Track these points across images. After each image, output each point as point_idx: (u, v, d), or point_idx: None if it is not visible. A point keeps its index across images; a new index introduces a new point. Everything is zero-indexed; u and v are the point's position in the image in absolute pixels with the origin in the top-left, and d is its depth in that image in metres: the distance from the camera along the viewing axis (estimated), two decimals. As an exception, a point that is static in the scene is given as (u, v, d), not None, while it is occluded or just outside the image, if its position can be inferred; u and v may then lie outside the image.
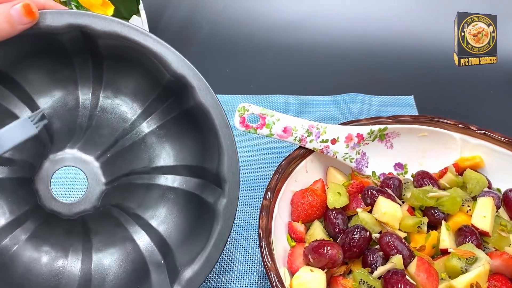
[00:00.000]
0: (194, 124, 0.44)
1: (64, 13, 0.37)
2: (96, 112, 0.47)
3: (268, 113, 0.49)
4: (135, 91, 0.47)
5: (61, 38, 0.39)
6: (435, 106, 0.72)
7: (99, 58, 0.43)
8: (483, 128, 0.52)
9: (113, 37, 0.38)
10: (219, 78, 0.80)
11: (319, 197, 0.48)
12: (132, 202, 0.47)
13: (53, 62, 0.44)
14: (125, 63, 0.44)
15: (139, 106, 0.48)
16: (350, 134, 0.52)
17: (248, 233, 0.54)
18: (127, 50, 0.40)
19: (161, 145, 0.48)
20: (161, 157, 0.48)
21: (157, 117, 0.48)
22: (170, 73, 0.40)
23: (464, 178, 0.50)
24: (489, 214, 0.45)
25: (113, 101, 0.48)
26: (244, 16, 0.93)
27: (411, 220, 0.45)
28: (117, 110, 0.48)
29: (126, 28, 0.38)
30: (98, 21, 0.38)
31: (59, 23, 0.37)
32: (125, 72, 0.45)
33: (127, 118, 0.48)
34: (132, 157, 0.47)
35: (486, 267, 0.41)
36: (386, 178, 0.50)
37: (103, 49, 0.42)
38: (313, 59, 0.84)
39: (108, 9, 0.71)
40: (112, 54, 0.42)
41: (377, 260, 0.43)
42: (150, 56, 0.40)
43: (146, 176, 0.48)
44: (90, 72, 0.45)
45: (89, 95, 0.47)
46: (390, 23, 0.88)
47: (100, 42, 0.40)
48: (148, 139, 0.48)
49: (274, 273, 0.40)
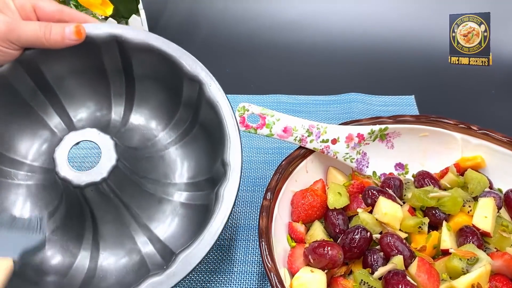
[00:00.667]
0: (207, 135, 0.48)
1: (104, 25, 0.46)
2: (123, 130, 0.53)
3: (268, 113, 0.49)
4: (160, 112, 0.53)
5: (102, 55, 0.48)
6: (436, 106, 0.72)
7: (131, 77, 0.50)
8: (484, 128, 0.52)
9: (142, 46, 0.46)
10: (219, 78, 0.79)
11: (319, 197, 0.48)
12: (142, 211, 0.49)
13: (92, 80, 0.51)
14: (152, 81, 0.50)
15: (162, 128, 0.53)
16: (350, 134, 0.52)
17: (248, 233, 0.54)
18: (154, 62, 0.48)
19: (178, 163, 0.52)
20: (176, 174, 0.52)
21: (178, 138, 0.53)
22: (187, 76, 0.46)
23: (465, 178, 0.50)
24: (490, 215, 0.45)
25: (139, 121, 0.53)
26: (244, 15, 0.93)
27: (412, 220, 0.45)
28: (142, 129, 0.54)
29: (151, 36, 0.47)
30: (130, 31, 0.46)
31: (100, 32, 0.46)
32: (152, 91, 0.52)
33: (150, 137, 0.53)
34: (149, 166, 0.50)
35: (487, 267, 0.41)
36: (386, 178, 0.50)
37: (135, 66, 0.49)
38: (313, 58, 0.84)
39: (107, 8, 0.71)
40: (142, 73, 0.50)
41: (377, 261, 0.43)
42: (170, 61, 0.46)
43: (159, 189, 0.50)
44: (123, 91, 0.52)
45: (120, 114, 0.53)
46: (391, 22, 0.88)
47: (131, 53, 0.48)
48: (166, 156, 0.52)
49: (274, 274, 0.40)
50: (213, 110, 0.45)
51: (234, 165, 0.43)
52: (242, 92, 0.74)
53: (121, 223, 0.48)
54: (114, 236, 0.48)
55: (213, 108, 0.45)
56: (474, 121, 0.53)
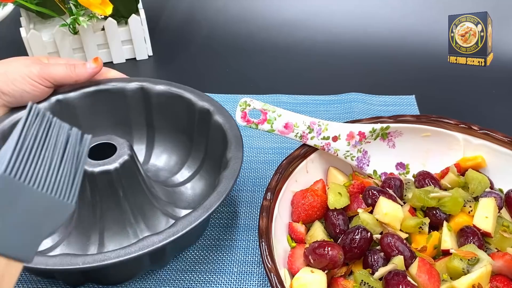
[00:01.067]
0: (216, 168, 0.52)
1: (133, 79, 0.57)
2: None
3: (270, 108, 0.49)
4: (177, 154, 0.59)
5: (129, 97, 0.57)
6: (436, 105, 0.72)
7: (151, 118, 0.58)
8: (485, 128, 0.52)
9: (162, 92, 0.56)
10: (219, 77, 0.80)
11: (319, 197, 0.48)
12: (144, 218, 0.50)
13: (116, 117, 0.58)
14: (170, 127, 0.58)
15: (177, 170, 0.58)
16: (351, 132, 0.52)
17: (248, 233, 0.54)
18: (171, 103, 0.56)
19: (188, 194, 0.56)
20: (183, 201, 0.55)
21: (190, 177, 0.57)
22: (198, 110, 0.54)
23: (466, 179, 0.50)
24: (491, 215, 0.45)
25: (156, 163, 0.60)
26: (244, 14, 0.93)
27: (413, 220, 0.45)
28: (159, 169, 0.59)
29: (168, 85, 0.56)
30: (152, 83, 0.57)
31: (130, 83, 0.57)
32: (171, 132, 0.59)
33: (166, 176, 0.58)
34: (159, 189, 0.53)
35: (488, 268, 0.41)
36: (387, 179, 0.50)
37: (154, 105, 0.57)
38: (313, 58, 0.84)
39: (107, 8, 0.71)
40: (161, 115, 0.58)
41: (378, 261, 0.43)
42: (185, 101, 0.55)
43: (169, 212, 0.52)
44: (145, 132, 0.59)
45: (142, 156, 0.60)
46: (392, 21, 0.88)
47: (153, 100, 0.57)
48: (176, 189, 0.56)
49: (274, 274, 0.40)
50: (221, 137, 0.51)
51: (235, 143, 0.49)
52: (242, 92, 0.74)
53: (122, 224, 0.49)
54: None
55: (221, 133, 0.51)
56: (475, 121, 0.53)
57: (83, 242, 0.49)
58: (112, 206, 0.47)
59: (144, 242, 0.39)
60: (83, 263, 0.38)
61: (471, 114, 0.70)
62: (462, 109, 0.72)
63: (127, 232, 0.49)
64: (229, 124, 0.51)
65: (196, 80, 0.78)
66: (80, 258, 0.38)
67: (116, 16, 0.79)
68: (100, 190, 0.46)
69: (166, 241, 0.39)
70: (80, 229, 0.49)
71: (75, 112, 0.56)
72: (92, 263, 0.38)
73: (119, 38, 0.80)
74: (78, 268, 0.38)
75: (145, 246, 0.39)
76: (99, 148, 0.47)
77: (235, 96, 0.73)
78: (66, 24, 0.75)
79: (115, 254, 0.38)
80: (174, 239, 0.40)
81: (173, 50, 0.86)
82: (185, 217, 0.41)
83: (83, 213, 0.48)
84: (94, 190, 0.46)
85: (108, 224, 0.48)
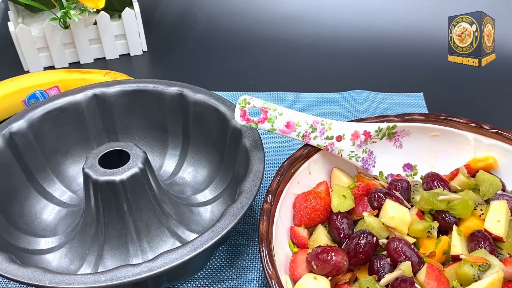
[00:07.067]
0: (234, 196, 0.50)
1: (173, 83, 0.57)
2: (166, 182, 0.58)
3: (271, 106, 0.49)
4: (207, 168, 0.58)
5: (167, 101, 0.57)
6: (446, 103, 0.72)
7: (187, 127, 0.58)
8: (497, 127, 0.52)
9: (199, 102, 0.55)
10: (217, 74, 0.80)
11: (323, 200, 0.48)
12: (147, 235, 0.49)
13: (151, 121, 0.59)
14: (204, 141, 0.58)
15: (204, 188, 0.57)
16: (356, 131, 0.52)
17: (248, 238, 0.54)
18: (207, 115, 0.55)
19: (206, 217, 0.55)
20: (197, 224, 0.53)
21: (213, 199, 0.56)
22: (232, 128, 0.53)
23: (476, 180, 0.50)
24: (503, 218, 0.45)
25: (185, 176, 0.59)
26: (243, 8, 0.93)
27: (421, 224, 0.45)
28: (186, 183, 0.59)
29: (207, 95, 0.55)
30: (192, 90, 0.56)
31: (170, 88, 0.56)
32: (204, 146, 0.58)
33: (190, 192, 0.57)
34: (174, 208, 0.52)
35: (500, 274, 0.41)
36: (394, 180, 0.50)
37: (191, 114, 0.56)
38: (316, 54, 0.84)
39: (100, 1, 0.71)
40: (196, 125, 0.57)
41: (384, 267, 0.43)
42: (220, 116, 0.54)
43: (178, 233, 0.51)
44: (181, 140, 0.59)
45: (173, 164, 0.60)
46: (398, 15, 0.88)
47: (190, 109, 0.56)
48: (195, 209, 0.55)
49: (275, 281, 0.40)
50: (246, 157, 0.50)
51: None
52: (241, 89, 0.74)
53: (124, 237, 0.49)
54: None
55: (246, 155, 0.50)
56: (486, 120, 0.53)
57: (84, 249, 0.49)
58: (114, 218, 0.47)
59: (118, 272, 0.38)
60: (49, 282, 0.38)
61: (482, 112, 0.70)
62: (472, 108, 0.72)
63: (127, 249, 0.48)
64: (256, 151, 0.49)
65: (193, 77, 0.78)
66: (49, 276, 0.38)
67: (109, 10, 0.79)
68: (104, 201, 0.46)
69: (139, 277, 0.38)
70: (83, 236, 0.49)
71: (111, 109, 0.57)
72: (58, 284, 0.38)
73: (112, 32, 0.80)
74: (44, 286, 0.38)
75: (116, 277, 0.38)
76: (116, 154, 0.47)
77: (234, 93, 0.73)
78: (57, 18, 0.75)
79: (83, 279, 0.38)
80: (150, 275, 0.39)
81: (169, 45, 0.86)
82: (170, 252, 0.40)
83: (88, 220, 0.48)
84: (98, 199, 0.46)
85: (109, 236, 0.48)
